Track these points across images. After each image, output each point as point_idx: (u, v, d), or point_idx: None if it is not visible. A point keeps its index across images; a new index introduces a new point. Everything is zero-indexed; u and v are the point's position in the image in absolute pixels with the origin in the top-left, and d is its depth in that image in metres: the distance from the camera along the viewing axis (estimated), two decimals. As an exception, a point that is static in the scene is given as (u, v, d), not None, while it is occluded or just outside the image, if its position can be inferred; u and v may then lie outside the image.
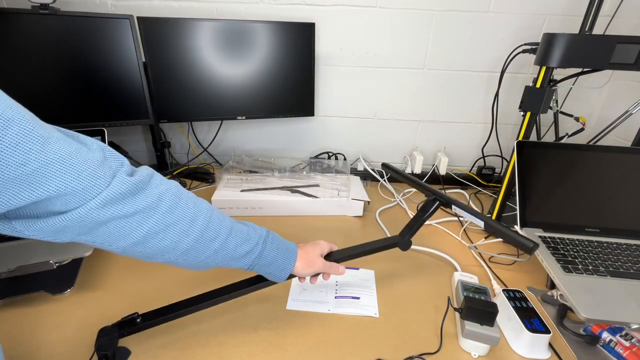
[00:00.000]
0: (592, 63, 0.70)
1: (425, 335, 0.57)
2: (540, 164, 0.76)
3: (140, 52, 0.95)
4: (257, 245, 0.50)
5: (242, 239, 0.48)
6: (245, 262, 0.49)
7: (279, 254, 0.52)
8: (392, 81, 1.12)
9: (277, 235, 0.54)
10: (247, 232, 0.49)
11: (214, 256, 0.46)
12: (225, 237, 0.46)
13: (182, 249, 0.43)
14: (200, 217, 0.44)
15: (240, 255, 0.48)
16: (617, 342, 0.53)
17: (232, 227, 0.47)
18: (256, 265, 0.50)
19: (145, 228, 0.39)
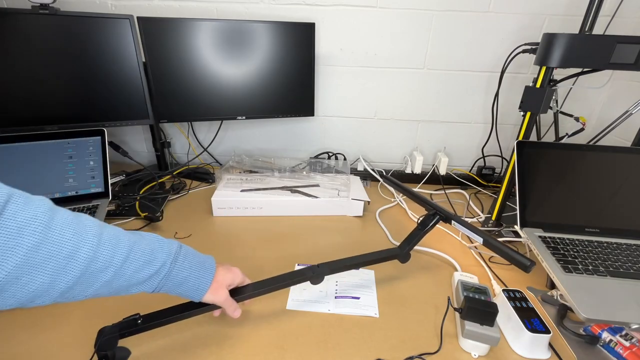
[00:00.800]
0: (592, 63, 0.70)
1: (425, 335, 0.57)
2: (540, 164, 0.76)
3: (140, 52, 0.95)
4: (164, 266, 0.43)
5: (144, 262, 0.41)
6: (148, 286, 0.42)
7: (191, 273, 0.46)
8: (392, 81, 1.12)
9: (191, 249, 0.48)
10: (152, 252, 0.42)
11: (106, 287, 0.38)
12: (120, 264, 0.39)
13: (59, 290, 0.34)
14: (83, 248, 0.35)
15: (140, 280, 0.41)
16: (617, 342, 0.53)
17: (130, 250, 0.40)
18: (162, 288, 0.44)
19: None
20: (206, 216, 0.91)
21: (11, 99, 0.88)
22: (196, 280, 0.47)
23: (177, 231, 0.83)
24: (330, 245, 0.81)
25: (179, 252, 0.46)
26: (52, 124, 0.92)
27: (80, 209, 0.78)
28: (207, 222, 0.88)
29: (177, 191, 1.03)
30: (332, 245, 0.80)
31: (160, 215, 0.87)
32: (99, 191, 0.84)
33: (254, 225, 0.88)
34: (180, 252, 0.46)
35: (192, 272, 0.46)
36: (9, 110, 0.88)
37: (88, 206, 0.80)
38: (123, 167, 1.11)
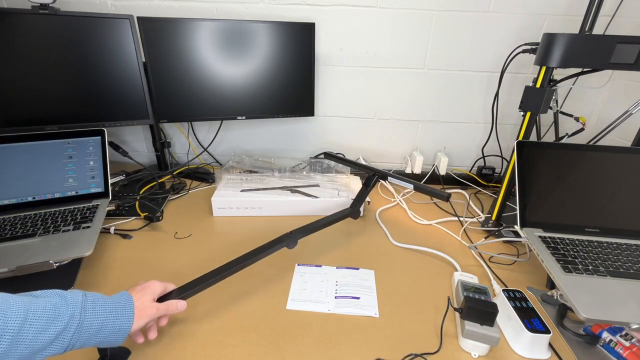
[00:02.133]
0: (592, 63, 0.70)
1: (425, 335, 0.57)
2: (540, 164, 0.76)
3: (140, 52, 0.95)
4: (73, 319, 0.39)
5: (47, 320, 0.37)
6: (57, 347, 0.38)
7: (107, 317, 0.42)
8: (392, 81, 1.12)
9: (97, 294, 0.45)
10: (54, 307, 0.38)
11: (5, 357, 0.34)
12: (17, 329, 0.34)
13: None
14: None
15: (47, 341, 0.37)
16: (617, 342, 0.53)
17: (27, 311, 0.36)
18: (76, 343, 0.40)
19: None
20: (206, 216, 0.91)
21: (11, 99, 0.88)
22: (114, 322, 0.43)
23: (177, 231, 0.83)
24: (330, 245, 0.81)
25: (86, 300, 0.42)
26: (52, 124, 0.92)
27: (80, 209, 0.79)
28: (207, 222, 0.88)
29: (177, 191, 1.03)
30: (332, 245, 0.80)
31: (160, 215, 0.87)
32: (99, 191, 0.84)
33: (254, 225, 0.88)
34: (88, 300, 0.42)
35: (108, 314, 0.43)
36: (9, 110, 0.88)
37: (88, 206, 0.80)
38: (123, 167, 1.11)
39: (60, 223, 0.73)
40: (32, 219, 0.74)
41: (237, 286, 0.66)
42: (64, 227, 0.72)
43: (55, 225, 0.73)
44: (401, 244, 0.81)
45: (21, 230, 0.71)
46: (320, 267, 0.73)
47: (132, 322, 0.45)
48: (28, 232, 0.70)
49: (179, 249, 0.77)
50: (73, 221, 0.74)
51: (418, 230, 0.89)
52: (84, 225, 0.73)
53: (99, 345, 0.44)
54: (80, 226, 0.72)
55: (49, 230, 0.71)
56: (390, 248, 0.81)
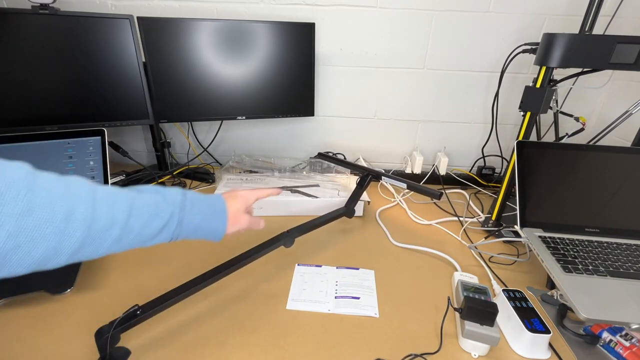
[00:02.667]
0: (592, 63, 0.70)
1: (425, 335, 0.57)
2: (540, 164, 0.76)
3: (140, 52, 0.95)
4: (173, 217, 0.42)
5: (150, 216, 0.40)
6: (163, 239, 0.43)
7: (204, 218, 0.46)
8: (392, 81, 1.12)
9: (197, 194, 0.48)
10: (156, 205, 0.42)
11: (116, 245, 0.38)
12: (125, 220, 0.38)
13: (67, 253, 0.34)
14: (78, 209, 0.34)
15: (152, 234, 0.41)
16: (617, 342, 0.53)
17: (132, 205, 0.39)
18: (179, 236, 0.44)
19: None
20: (206, 216, 0.91)
21: (11, 99, 0.88)
22: (210, 224, 0.47)
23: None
24: (330, 245, 0.81)
25: (184, 200, 0.45)
26: (52, 124, 0.92)
27: (80, 209, 0.79)
28: (207, 222, 0.88)
29: (177, 191, 1.02)
30: (332, 245, 0.80)
31: (160, 215, 0.87)
32: (99, 191, 0.84)
33: (254, 225, 0.87)
34: (186, 200, 0.45)
35: (204, 218, 0.46)
36: (9, 110, 0.88)
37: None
38: (123, 167, 1.11)
39: (60, 223, 0.73)
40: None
41: (237, 286, 0.66)
42: (64, 227, 0.72)
43: (55, 225, 0.73)
44: (401, 244, 0.81)
45: (21, 230, 0.71)
46: (320, 267, 0.73)
47: (225, 227, 0.49)
48: (28, 232, 0.70)
49: (179, 249, 0.77)
50: (73, 221, 0.74)
51: (418, 230, 0.89)
52: (84, 225, 0.73)
53: (201, 238, 0.48)
54: (80, 226, 0.72)
55: (49, 230, 0.71)
56: (390, 248, 0.81)
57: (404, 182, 0.82)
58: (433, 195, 0.78)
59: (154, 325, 0.57)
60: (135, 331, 0.54)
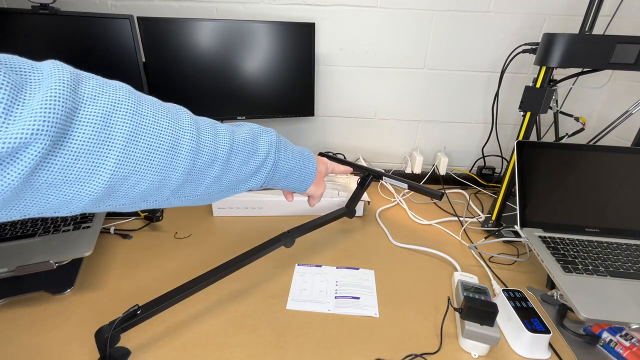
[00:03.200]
0: (592, 63, 0.70)
1: (425, 335, 0.57)
2: (540, 164, 0.76)
3: (140, 52, 0.95)
4: (269, 157, 0.40)
5: (248, 153, 0.38)
6: (257, 182, 0.40)
7: (296, 164, 0.44)
8: (392, 81, 1.12)
9: (286, 140, 0.46)
10: (254, 141, 0.40)
11: (215, 184, 0.36)
12: (226, 157, 0.36)
13: (171, 188, 0.32)
14: (184, 140, 0.32)
15: (249, 172, 0.39)
16: (617, 342, 0.53)
17: (232, 140, 0.37)
18: (270, 182, 0.42)
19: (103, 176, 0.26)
20: (206, 216, 0.91)
21: (11, 99, 0.87)
22: (301, 171, 0.46)
23: (177, 231, 0.83)
24: (330, 245, 0.81)
25: (279, 142, 0.43)
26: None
27: (80, 209, 0.79)
28: (207, 222, 0.88)
29: (177, 191, 1.02)
30: (332, 245, 0.80)
31: (160, 215, 0.87)
32: (99, 191, 0.84)
33: (254, 225, 0.88)
34: (281, 142, 0.43)
35: (296, 162, 0.45)
36: (9, 110, 0.88)
37: (88, 206, 0.80)
38: (123, 167, 1.11)
39: (60, 223, 0.73)
40: (32, 219, 0.74)
41: (237, 286, 0.66)
42: (64, 227, 0.72)
43: (55, 225, 0.73)
44: (401, 244, 0.81)
45: (21, 230, 0.71)
46: (320, 267, 0.73)
47: (314, 175, 0.47)
48: (28, 232, 0.70)
49: (179, 249, 0.77)
50: (73, 221, 0.74)
51: (418, 230, 0.89)
52: (84, 225, 0.73)
53: (286, 189, 0.47)
54: (81, 226, 0.73)
55: (49, 230, 0.71)
56: (390, 248, 0.81)
57: (405, 182, 0.82)
58: (434, 195, 0.78)
59: (154, 325, 0.57)
60: (135, 331, 0.54)
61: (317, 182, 0.49)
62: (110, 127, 0.26)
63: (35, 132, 0.22)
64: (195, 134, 0.33)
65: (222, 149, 0.35)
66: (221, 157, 0.35)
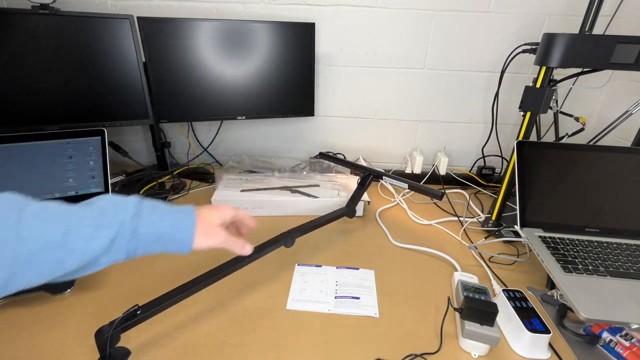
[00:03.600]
0: (592, 63, 0.70)
1: (425, 335, 0.57)
2: (540, 164, 0.76)
3: (140, 52, 0.95)
4: (124, 226, 0.37)
5: (95, 227, 0.35)
6: (117, 254, 0.37)
7: (166, 225, 0.40)
8: (392, 81, 1.12)
9: (159, 202, 0.43)
10: (103, 214, 0.37)
11: (61, 267, 0.34)
12: (61, 238, 0.33)
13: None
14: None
15: (102, 248, 0.35)
16: (617, 342, 0.53)
17: (69, 220, 0.35)
18: (137, 250, 0.38)
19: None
20: (206, 216, 0.91)
21: (11, 99, 0.87)
22: (174, 229, 0.41)
23: (177, 231, 0.83)
24: (330, 245, 0.81)
25: (141, 206, 0.39)
26: (52, 124, 0.92)
27: (80, 209, 0.79)
28: (207, 222, 0.88)
29: (177, 191, 1.03)
30: (332, 245, 0.80)
31: (160, 215, 0.87)
32: (99, 191, 0.84)
33: (254, 225, 0.87)
34: (143, 206, 0.40)
35: (165, 222, 0.40)
36: (9, 110, 0.88)
37: (88, 206, 0.80)
38: (123, 167, 1.11)
39: (60, 223, 0.73)
40: (32, 219, 0.74)
41: (237, 286, 0.66)
42: (64, 227, 0.72)
43: (55, 225, 0.73)
44: (401, 244, 0.81)
45: (21, 230, 0.71)
46: (320, 267, 0.73)
47: (193, 233, 0.42)
48: (28, 232, 0.70)
49: (179, 249, 0.77)
50: (73, 221, 0.74)
51: (418, 230, 0.89)
52: (84, 225, 0.73)
53: (169, 253, 0.42)
54: (80, 226, 0.72)
55: (49, 230, 0.71)
56: (390, 248, 0.81)
57: (405, 183, 0.82)
58: (434, 195, 0.78)
59: (154, 325, 0.57)
60: (135, 331, 0.54)
61: (204, 233, 0.43)
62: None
63: None
64: (14, 221, 0.32)
65: (55, 231, 0.33)
66: (54, 240, 0.33)
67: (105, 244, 0.36)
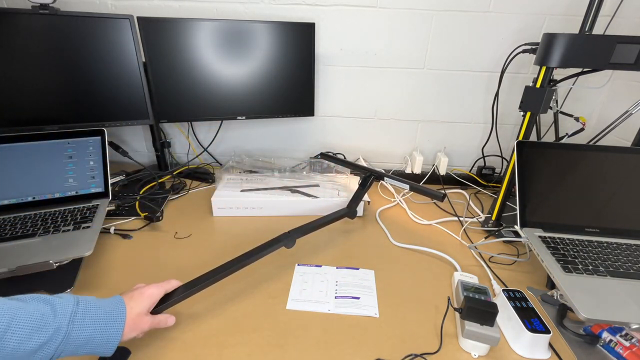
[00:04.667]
0: (592, 63, 0.70)
1: (425, 335, 0.57)
2: (540, 164, 0.76)
3: (140, 52, 0.95)
4: (59, 331, 0.38)
5: (31, 329, 0.36)
6: (43, 355, 0.37)
7: (96, 329, 0.41)
8: (392, 81, 1.12)
9: (92, 300, 0.44)
10: (42, 317, 0.38)
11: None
12: (2, 333, 0.35)
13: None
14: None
15: (30, 350, 0.36)
16: (617, 342, 0.53)
17: (11, 318, 0.36)
18: (63, 353, 0.39)
19: None
20: (206, 216, 0.91)
21: (11, 99, 0.88)
22: (103, 335, 0.42)
23: (177, 231, 0.83)
24: (330, 245, 0.81)
25: (77, 310, 0.41)
26: (52, 124, 0.92)
27: (80, 209, 0.79)
28: (207, 222, 0.88)
29: (177, 191, 1.03)
30: (332, 245, 0.80)
31: (160, 215, 0.87)
32: (99, 191, 0.84)
33: (254, 225, 0.88)
34: (79, 310, 0.41)
35: (96, 328, 0.41)
36: (9, 110, 0.88)
37: (88, 206, 0.80)
38: (123, 167, 1.11)
39: (60, 223, 0.73)
40: (32, 219, 0.74)
41: (237, 286, 0.66)
42: (64, 227, 0.72)
43: (55, 225, 0.73)
44: (401, 244, 0.81)
45: (21, 230, 0.71)
46: (320, 267, 0.73)
47: (121, 335, 0.44)
48: (28, 232, 0.70)
49: (179, 249, 0.77)
50: (73, 221, 0.74)
51: (418, 230, 0.89)
52: (84, 225, 0.73)
53: (88, 354, 0.42)
54: (80, 226, 0.73)
55: (49, 230, 0.71)
56: (390, 248, 0.81)
57: (407, 184, 0.82)
58: (436, 196, 0.78)
59: (154, 325, 0.57)
60: (135, 331, 0.54)
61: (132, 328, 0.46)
62: None
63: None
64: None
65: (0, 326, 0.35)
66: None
67: (35, 347, 0.37)
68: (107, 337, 0.43)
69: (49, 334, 0.38)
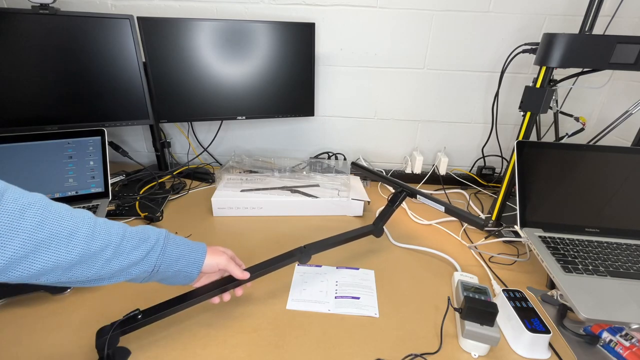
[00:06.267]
0: (592, 63, 0.70)
1: (425, 335, 0.57)
2: (540, 164, 0.76)
3: (140, 52, 0.95)
4: (158, 243, 0.47)
5: (139, 240, 0.45)
6: (147, 265, 0.45)
7: (184, 250, 0.50)
8: (392, 81, 1.12)
9: (179, 237, 0.52)
10: (144, 232, 0.47)
11: (108, 265, 0.41)
12: (119, 242, 0.42)
13: (63, 267, 0.38)
14: (82, 228, 0.39)
15: (139, 257, 0.44)
16: (617, 342, 0.53)
17: (124, 231, 0.44)
18: (161, 265, 0.47)
19: (6, 253, 0.33)
20: (206, 216, 0.91)
21: (11, 99, 0.88)
22: (191, 253, 0.50)
23: (177, 231, 0.83)
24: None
25: (168, 234, 0.50)
26: (52, 124, 0.92)
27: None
28: (207, 222, 0.88)
29: (177, 191, 1.03)
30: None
31: (160, 215, 0.87)
32: (99, 191, 0.84)
33: (254, 225, 0.88)
34: (170, 235, 0.50)
35: (184, 248, 0.50)
36: (9, 110, 0.88)
37: (88, 206, 0.80)
38: (123, 167, 1.11)
39: (60, 223, 0.73)
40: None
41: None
42: (64, 227, 0.72)
43: (55, 225, 0.72)
44: (401, 244, 0.81)
45: (21, 230, 0.71)
46: (320, 267, 0.73)
47: (203, 259, 0.52)
48: (28, 232, 0.70)
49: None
50: (73, 221, 0.74)
51: (418, 230, 0.89)
52: (84, 225, 0.73)
53: (181, 275, 0.50)
54: (80, 226, 0.72)
55: (49, 230, 0.71)
56: (390, 248, 0.81)
57: (442, 205, 0.72)
58: (476, 224, 0.69)
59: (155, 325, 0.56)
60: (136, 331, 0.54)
61: (214, 254, 0.54)
62: (23, 218, 0.34)
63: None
64: (92, 224, 0.40)
65: (115, 236, 0.42)
66: (114, 242, 0.42)
67: (143, 254, 0.45)
68: (194, 257, 0.51)
69: (151, 245, 0.46)
